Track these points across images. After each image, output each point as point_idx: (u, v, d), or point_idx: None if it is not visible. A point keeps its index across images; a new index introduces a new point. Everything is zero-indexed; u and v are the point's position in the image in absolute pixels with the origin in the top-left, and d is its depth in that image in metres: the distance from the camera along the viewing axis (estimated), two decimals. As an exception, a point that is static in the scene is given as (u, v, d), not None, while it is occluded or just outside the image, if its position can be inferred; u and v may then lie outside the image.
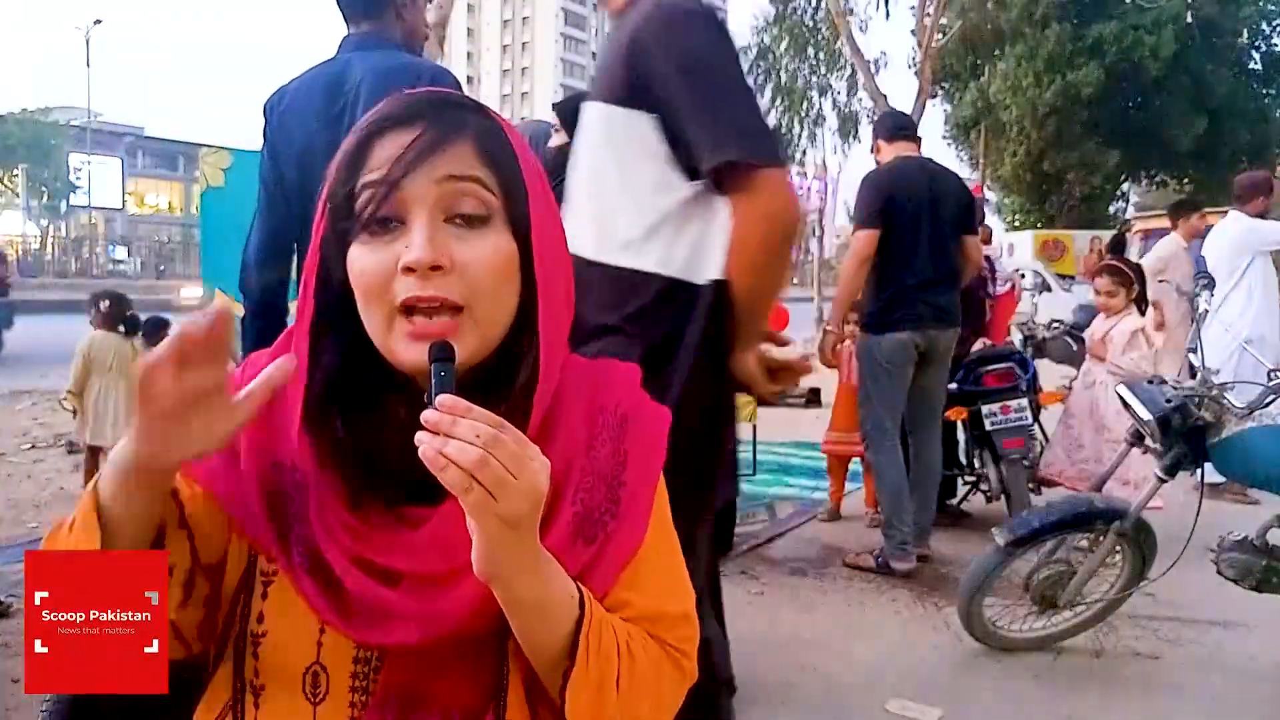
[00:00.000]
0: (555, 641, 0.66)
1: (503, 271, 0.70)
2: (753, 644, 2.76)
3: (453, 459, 0.57)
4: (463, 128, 0.70)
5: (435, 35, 7.11)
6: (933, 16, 13.13)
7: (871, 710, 2.39)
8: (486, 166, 0.70)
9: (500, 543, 0.60)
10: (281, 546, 0.69)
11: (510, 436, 0.59)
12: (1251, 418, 2.37)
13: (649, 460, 0.77)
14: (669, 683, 0.75)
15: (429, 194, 0.68)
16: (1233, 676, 2.61)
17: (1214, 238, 4.78)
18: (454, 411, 0.58)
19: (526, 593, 0.64)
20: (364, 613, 0.67)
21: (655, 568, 0.76)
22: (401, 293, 0.67)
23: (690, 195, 1.34)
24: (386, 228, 0.68)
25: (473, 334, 0.68)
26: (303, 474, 0.71)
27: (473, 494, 0.57)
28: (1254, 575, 2.47)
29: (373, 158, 0.69)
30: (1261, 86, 22.01)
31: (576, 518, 0.72)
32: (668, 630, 0.75)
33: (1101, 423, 3.54)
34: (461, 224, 0.69)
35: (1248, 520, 2.61)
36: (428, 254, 0.66)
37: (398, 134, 0.69)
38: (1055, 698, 2.47)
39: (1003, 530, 2.59)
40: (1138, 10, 19.47)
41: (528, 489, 0.59)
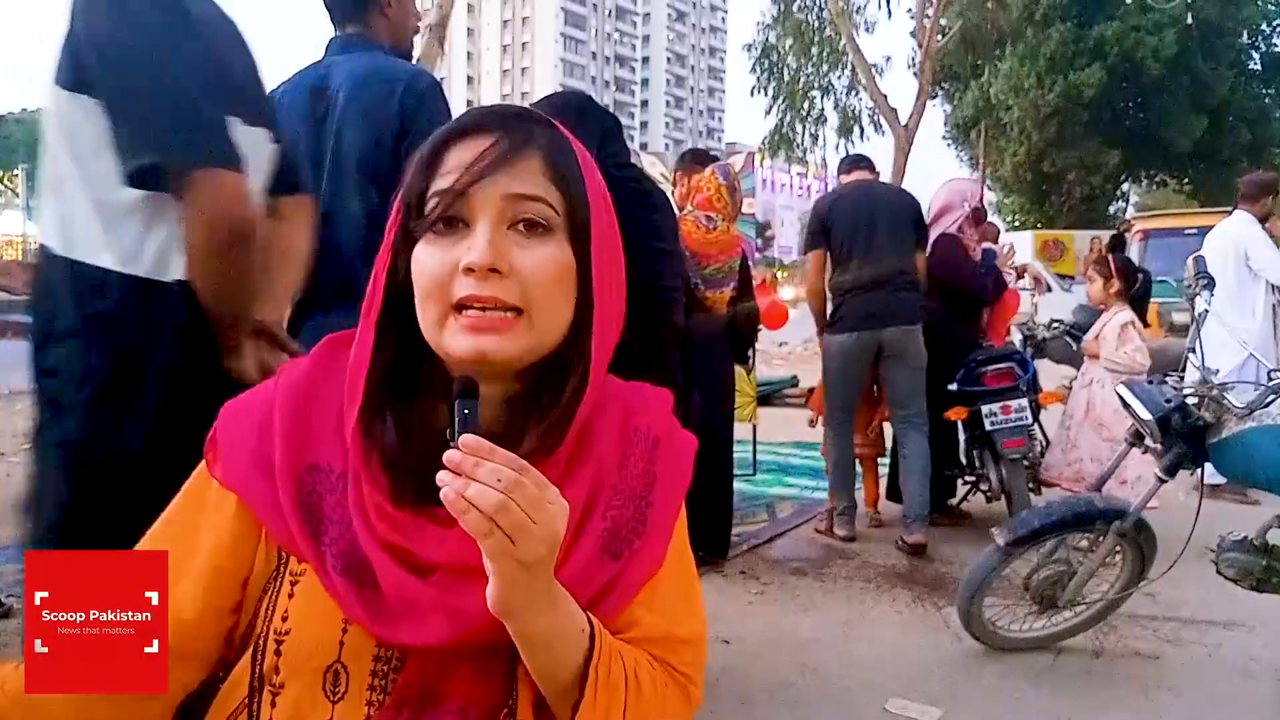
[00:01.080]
0: (565, 673, 0.68)
1: (560, 280, 0.72)
2: (753, 644, 2.77)
3: (474, 503, 0.58)
4: (533, 142, 0.73)
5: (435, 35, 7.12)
6: (932, 18, 13.14)
7: (871, 710, 2.39)
8: (552, 182, 0.72)
9: (515, 584, 0.62)
10: (314, 549, 0.70)
11: (531, 480, 0.60)
12: (1251, 418, 2.37)
13: (675, 483, 0.79)
14: (673, 709, 0.76)
15: (495, 204, 0.70)
16: (1233, 676, 2.62)
17: (1215, 237, 4.77)
18: (477, 453, 0.59)
19: (538, 629, 0.65)
20: (395, 609, 0.68)
21: (670, 589, 0.78)
22: (459, 291, 0.69)
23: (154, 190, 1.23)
24: (452, 229, 0.71)
25: (526, 335, 0.70)
26: (339, 473, 0.72)
27: (492, 539, 0.58)
28: (1254, 575, 2.47)
29: (446, 163, 0.72)
30: (1262, 87, 22.00)
31: (606, 534, 0.73)
32: (674, 653, 0.77)
33: (1098, 421, 3.54)
34: (523, 232, 0.71)
35: (1248, 520, 2.61)
36: (488, 257, 0.68)
37: (471, 142, 0.71)
38: (1055, 698, 2.47)
39: (1003, 530, 2.59)
40: (1139, 11, 19.47)
41: (545, 534, 0.60)
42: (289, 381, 0.77)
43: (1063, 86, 19.26)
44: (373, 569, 0.68)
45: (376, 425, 0.71)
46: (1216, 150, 21.05)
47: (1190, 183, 23.07)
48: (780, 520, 4.17)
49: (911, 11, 15.02)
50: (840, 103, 20.98)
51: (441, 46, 7.25)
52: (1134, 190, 27.57)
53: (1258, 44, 22.10)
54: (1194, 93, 20.01)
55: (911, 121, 12.33)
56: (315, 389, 0.76)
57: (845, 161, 4.30)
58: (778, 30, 20.91)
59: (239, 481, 0.72)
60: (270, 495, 0.71)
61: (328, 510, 0.71)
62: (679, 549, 0.80)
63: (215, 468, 0.74)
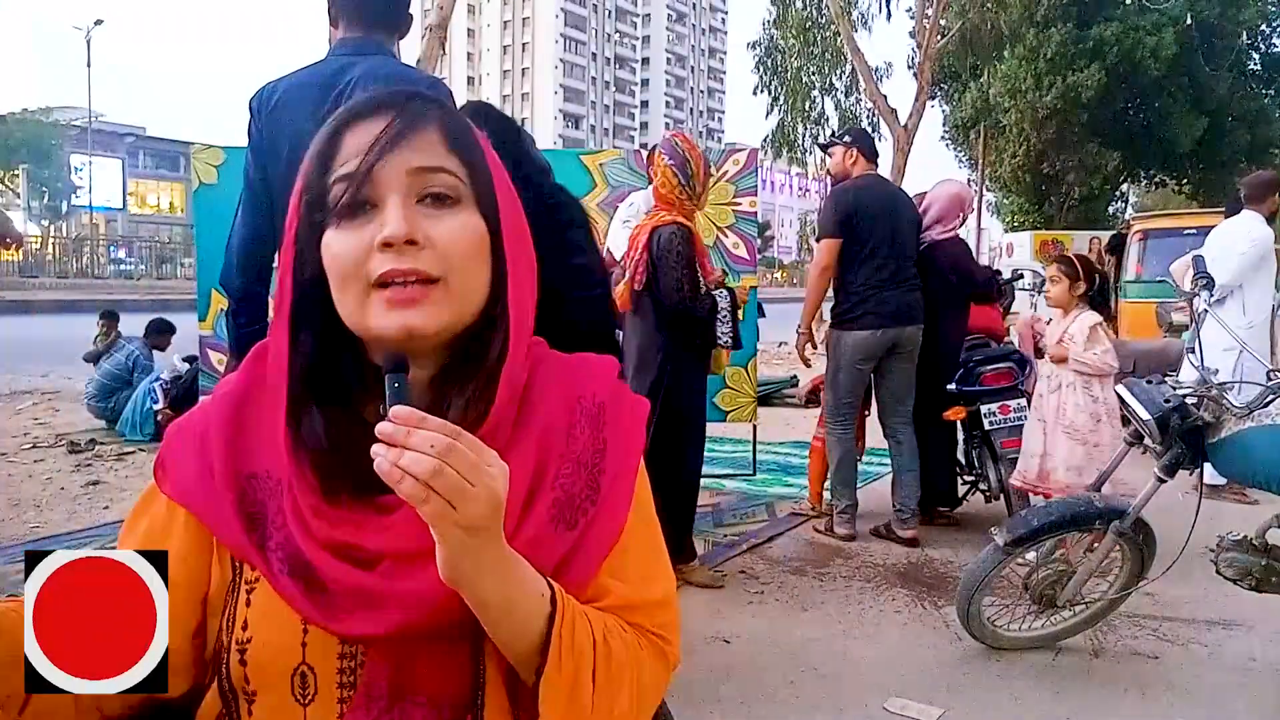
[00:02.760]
0: (528, 641, 0.67)
1: (475, 247, 0.72)
2: (753, 644, 2.77)
3: (407, 470, 0.57)
4: (429, 117, 0.73)
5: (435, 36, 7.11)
6: (932, 18, 13.13)
7: (871, 710, 2.39)
8: (453, 153, 0.73)
9: (462, 550, 0.61)
10: (260, 554, 0.71)
11: (466, 444, 0.59)
12: (1251, 418, 2.37)
13: (628, 448, 0.79)
14: (649, 671, 0.75)
15: (401, 181, 0.70)
16: (1233, 676, 2.62)
17: (1216, 237, 4.76)
18: (408, 423, 0.58)
19: (492, 595, 0.65)
20: (345, 604, 0.68)
21: (637, 555, 0.78)
22: (377, 269, 0.69)
23: None
24: (361, 212, 0.70)
25: (446, 306, 0.70)
26: (277, 479, 0.72)
27: (430, 504, 0.58)
28: (1254, 575, 2.48)
29: (344, 150, 0.71)
30: (1261, 87, 21.96)
31: (557, 503, 0.73)
32: (647, 617, 0.76)
33: (1071, 426, 3.42)
34: (432, 205, 0.71)
35: (1248, 520, 2.61)
36: (403, 228, 0.68)
37: (367, 125, 0.71)
38: (1055, 697, 2.47)
39: (1002, 530, 2.59)
40: (1138, 12, 19.44)
41: (486, 496, 0.60)
42: (224, 392, 0.77)
43: (1061, 87, 19.23)
44: (316, 571, 0.68)
45: (304, 425, 0.71)
46: (1216, 151, 21.02)
47: (1190, 183, 23.03)
48: (780, 520, 4.17)
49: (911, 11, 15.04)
50: (840, 103, 20.99)
51: (442, 47, 7.25)
52: (1133, 191, 27.56)
53: (1258, 45, 22.06)
54: (1193, 93, 19.98)
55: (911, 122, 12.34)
56: (250, 397, 0.76)
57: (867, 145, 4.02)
58: (781, 29, 20.92)
59: (186, 494, 0.73)
60: (216, 504, 0.72)
61: (271, 515, 0.71)
62: (642, 513, 0.79)
63: (165, 485, 0.75)
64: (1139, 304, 8.20)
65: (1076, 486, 3.28)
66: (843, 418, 3.83)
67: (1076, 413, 3.42)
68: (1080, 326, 3.47)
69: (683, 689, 2.36)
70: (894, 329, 3.71)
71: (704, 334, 3.19)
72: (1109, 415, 3.40)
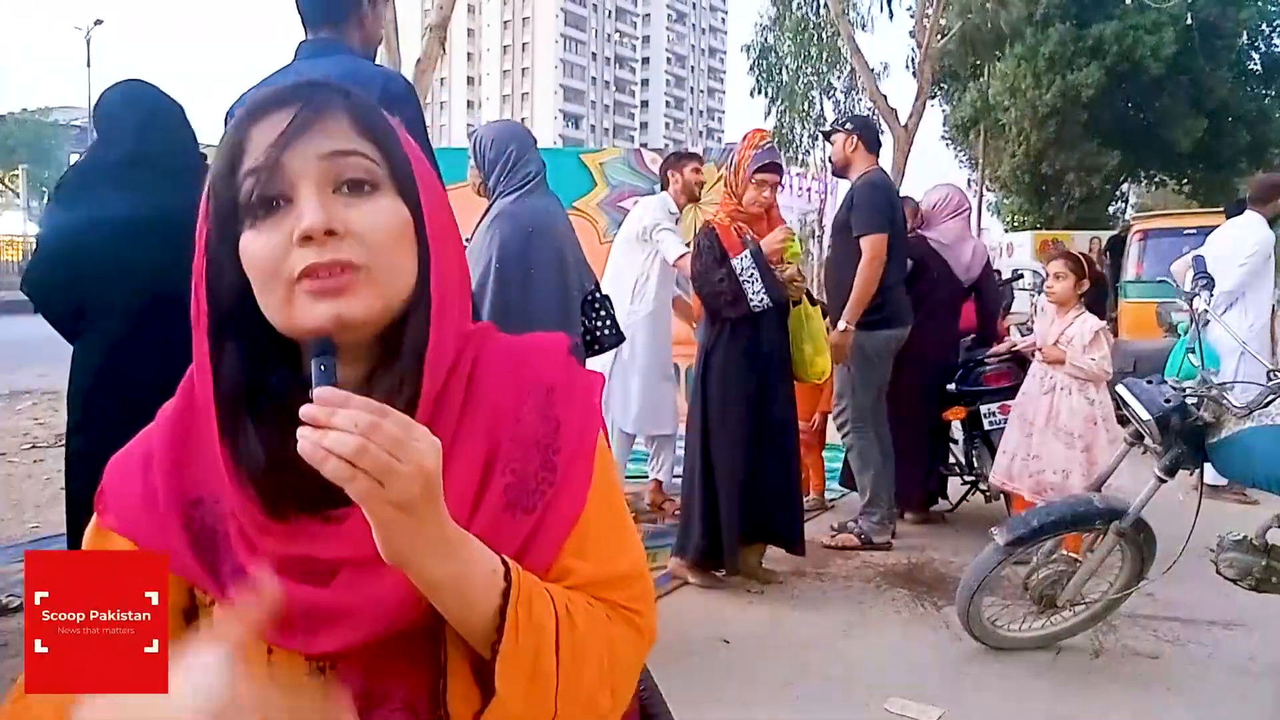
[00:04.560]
0: (482, 618, 0.66)
1: (398, 233, 0.69)
2: (753, 644, 2.77)
3: (331, 449, 0.56)
4: (336, 103, 0.70)
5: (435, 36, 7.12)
6: (932, 18, 13.13)
7: (871, 710, 2.39)
8: (366, 139, 0.70)
9: (397, 528, 0.60)
10: (213, 580, 0.69)
11: (391, 422, 0.58)
12: (1251, 418, 2.37)
13: (583, 426, 0.77)
14: (621, 643, 0.74)
15: (313, 169, 0.67)
16: (1233, 676, 2.62)
17: (1218, 238, 4.75)
18: (332, 403, 0.58)
19: (438, 574, 0.63)
20: (305, 622, 0.66)
21: (600, 532, 0.76)
22: (298, 264, 0.66)
23: None
24: (274, 208, 0.67)
25: (371, 293, 0.67)
26: (224, 503, 0.70)
27: (356, 483, 0.57)
28: (1254, 575, 2.48)
29: (251, 147, 0.68)
30: (1261, 87, 21.95)
31: (510, 488, 0.72)
32: (616, 591, 0.75)
33: (1065, 429, 3.36)
34: (350, 192, 0.68)
35: (1248, 520, 2.61)
36: (321, 219, 0.65)
37: (273, 119, 0.68)
38: (1055, 697, 2.47)
39: (1002, 530, 2.59)
40: (1138, 11, 19.44)
41: (414, 471, 0.58)
42: (164, 418, 0.75)
43: (1061, 86, 19.23)
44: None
45: (240, 444, 0.69)
46: (1216, 151, 21.01)
47: (1189, 183, 23.02)
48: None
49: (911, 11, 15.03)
50: (840, 104, 21.00)
51: (442, 47, 7.25)
52: (1133, 191, 27.54)
53: (1257, 44, 22.06)
54: (1193, 93, 19.98)
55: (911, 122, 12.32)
56: (191, 421, 0.74)
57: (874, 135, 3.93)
58: (776, 31, 20.92)
59: (130, 525, 0.71)
60: (162, 532, 0.70)
61: (219, 540, 0.70)
62: (603, 487, 0.77)
63: (106, 518, 0.73)
64: (1139, 304, 8.20)
65: (1060, 489, 3.26)
66: (869, 420, 3.72)
67: (1071, 416, 3.35)
68: (1081, 330, 3.39)
69: (683, 689, 2.36)
70: (908, 327, 3.73)
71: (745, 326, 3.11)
72: (1104, 419, 3.35)
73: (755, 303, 3.05)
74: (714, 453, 3.16)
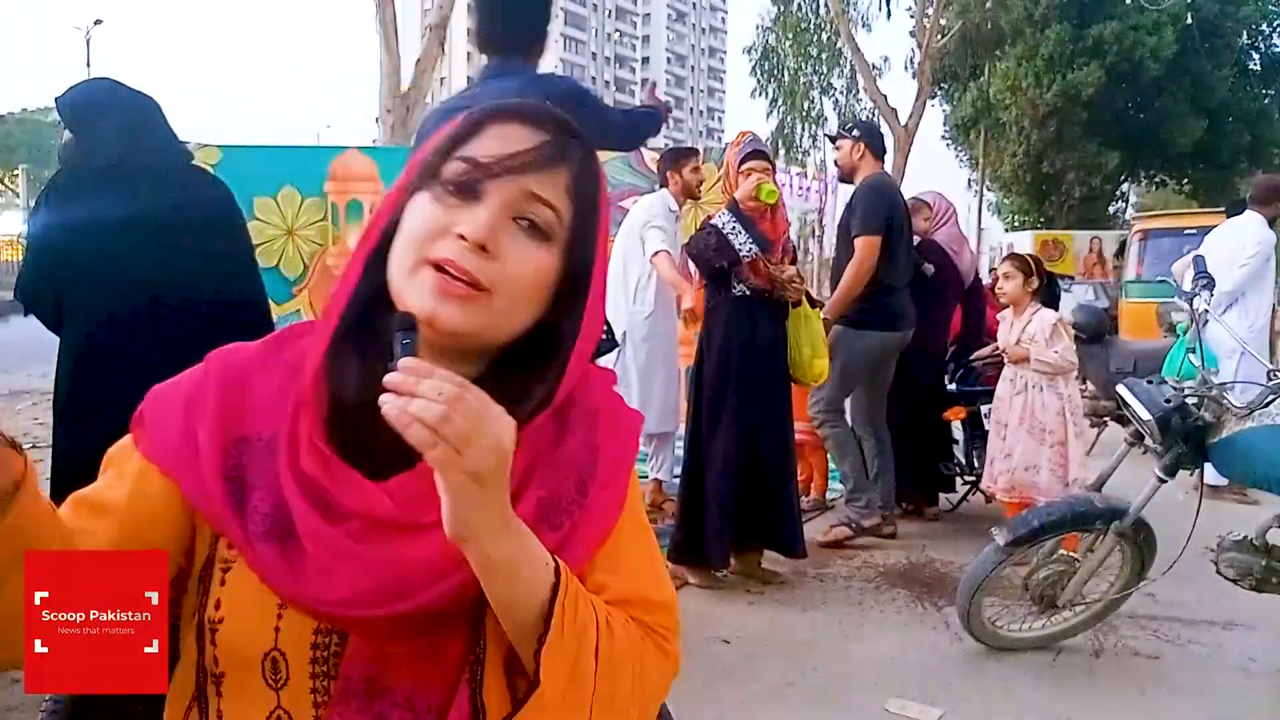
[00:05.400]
0: (530, 608, 0.66)
1: (537, 283, 0.73)
2: (753, 644, 2.77)
3: (416, 415, 0.58)
4: (569, 156, 0.74)
5: (435, 35, 7.12)
6: (932, 17, 13.14)
7: (871, 710, 2.39)
8: (571, 198, 0.74)
9: (468, 498, 0.61)
10: (236, 517, 0.70)
11: (473, 395, 0.61)
12: (1251, 418, 2.37)
13: (620, 456, 0.79)
14: (652, 665, 0.75)
15: (511, 192, 0.71)
16: (1233, 676, 2.62)
17: (1218, 237, 4.75)
18: (416, 373, 0.60)
19: (498, 552, 0.64)
20: (312, 563, 0.67)
21: (632, 555, 0.78)
22: (440, 251, 0.69)
23: None
24: (461, 196, 0.71)
25: (481, 316, 0.70)
26: (269, 440, 0.72)
27: (437, 449, 0.59)
28: (1254, 575, 2.48)
29: (483, 138, 0.73)
30: (1261, 87, 21.96)
31: (542, 503, 0.73)
32: (648, 614, 0.76)
33: (1039, 427, 3.37)
34: (525, 227, 0.72)
35: (1248, 520, 2.61)
36: (484, 232, 0.69)
37: (512, 129, 0.73)
38: (1055, 697, 2.47)
39: (1002, 530, 2.59)
40: (1138, 11, 19.45)
41: (492, 444, 0.61)
42: (231, 357, 0.77)
43: (1060, 86, 19.24)
44: (293, 519, 0.68)
45: (337, 361, 0.72)
46: (1216, 151, 21.02)
47: (1190, 183, 23.03)
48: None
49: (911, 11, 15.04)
50: (840, 104, 21.01)
51: (441, 47, 7.26)
52: (1133, 190, 27.55)
53: (1258, 44, 22.07)
54: (1194, 93, 19.99)
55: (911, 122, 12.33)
56: (262, 362, 0.76)
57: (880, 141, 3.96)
58: (776, 31, 20.94)
59: (164, 453, 0.72)
60: (195, 469, 0.71)
61: (251, 478, 0.71)
62: (635, 516, 0.80)
63: (143, 444, 0.74)
64: (1139, 304, 8.20)
65: (1030, 486, 3.33)
66: (838, 412, 3.82)
67: (1044, 412, 3.38)
68: (1040, 324, 3.44)
69: (683, 689, 2.36)
70: (907, 330, 3.74)
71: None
72: (1072, 414, 3.39)
73: (744, 252, 3.07)
74: (706, 451, 3.18)
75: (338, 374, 0.72)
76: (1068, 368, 3.40)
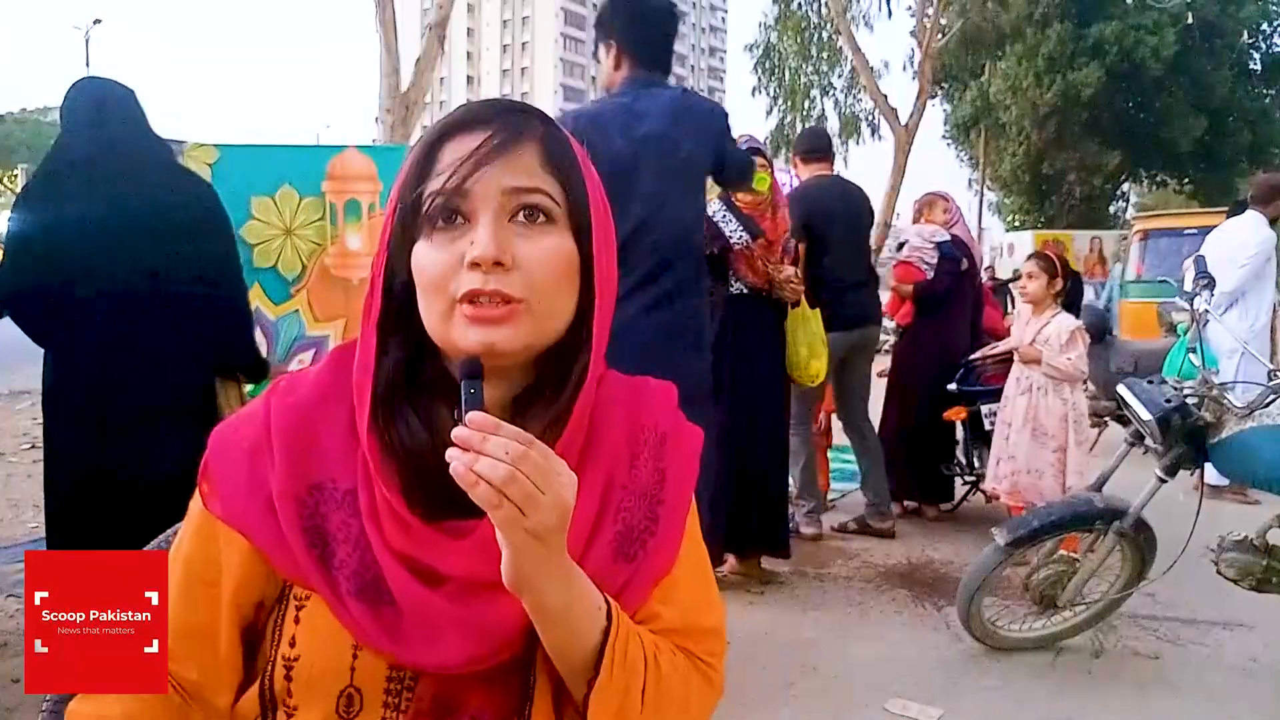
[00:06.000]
0: (582, 651, 0.68)
1: (563, 271, 0.71)
2: (753, 644, 2.77)
3: (483, 476, 0.58)
4: (528, 131, 0.72)
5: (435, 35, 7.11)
6: (932, 17, 13.12)
7: (871, 710, 2.39)
8: (550, 173, 0.72)
9: (528, 555, 0.62)
10: (324, 573, 0.69)
11: (538, 452, 0.60)
12: (1251, 418, 2.37)
13: (684, 478, 0.79)
14: (696, 695, 0.76)
15: (495, 197, 0.69)
16: (1233, 676, 2.62)
17: (1218, 237, 4.74)
18: (484, 428, 0.59)
19: (553, 601, 0.65)
20: (411, 628, 0.67)
21: (687, 583, 0.78)
22: (463, 286, 0.68)
23: None
24: (452, 224, 0.70)
25: (528, 327, 0.69)
26: (347, 490, 0.70)
27: (502, 510, 0.59)
28: (1254, 575, 2.48)
29: (441, 161, 0.70)
30: (1262, 87, 21.94)
31: (618, 536, 0.73)
32: (696, 643, 0.77)
33: (1042, 430, 3.36)
34: (526, 220, 0.70)
35: (1248, 520, 2.61)
36: (492, 250, 0.67)
37: (466, 137, 0.70)
38: (1055, 697, 2.47)
39: (1002, 530, 2.59)
40: (1138, 10, 19.44)
41: (554, 503, 0.61)
42: (291, 399, 0.75)
43: (1061, 86, 19.23)
44: (387, 583, 0.67)
45: (391, 430, 0.70)
46: (1217, 150, 21.01)
47: (1190, 183, 23.00)
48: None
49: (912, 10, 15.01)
50: (840, 103, 21.00)
51: (441, 46, 7.24)
52: (1134, 190, 27.53)
53: (1258, 44, 22.05)
54: (1194, 93, 19.97)
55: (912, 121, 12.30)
56: (324, 402, 0.74)
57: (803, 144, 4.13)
58: (778, 30, 20.93)
59: (239, 515, 0.71)
60: (271, 525, 0.69)
61: (333, 529, 0.69)
62: (692, 541, 0.79)
63: (213, 503, 0.72)
64: (1139, 304, 8.20)
65: (1033, 490, 3.31)
66: (802, 419, 3.79)
67: (1047, 415, 3.36)
68: (1058, 328, 3.41)
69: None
70: (858, 330, 3.76)
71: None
72: (1075, 421, 3.37)
73: (735, 238, 3.10)
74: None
75: (396, 440, 0.70)
76: (1077, 376, 3.37)
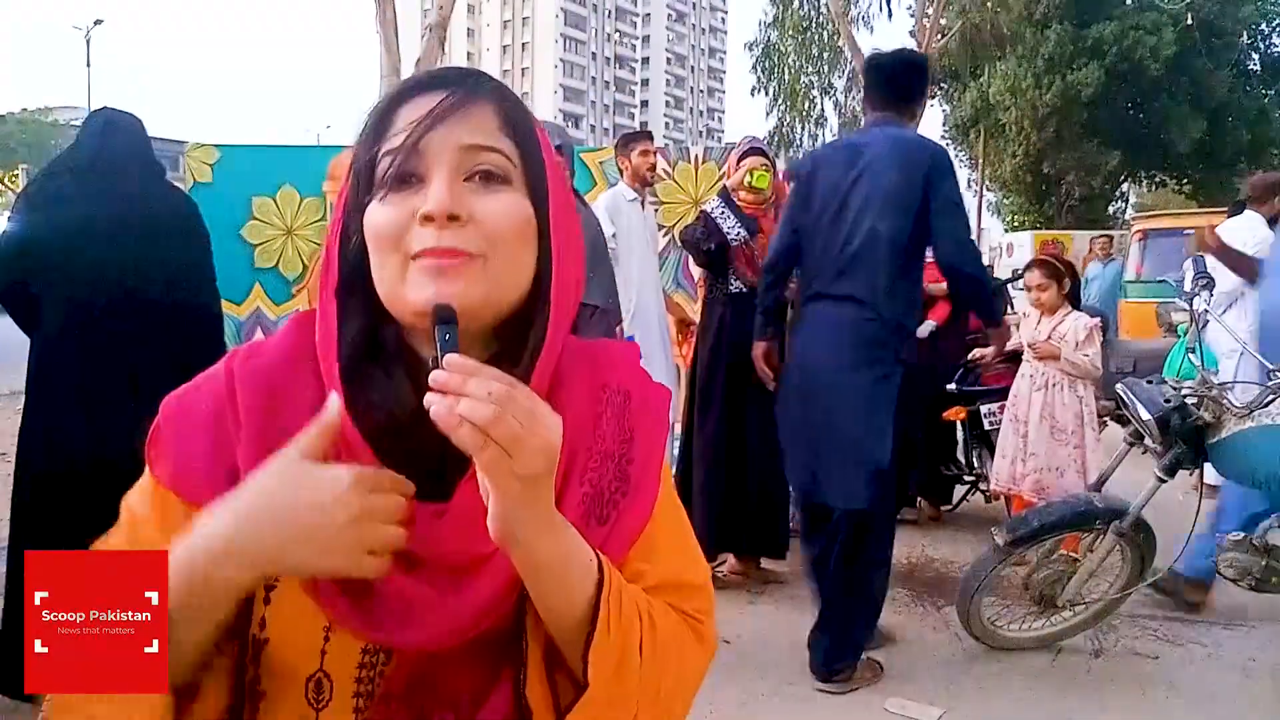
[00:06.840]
0: (575, 608, 0.65)
1: (519, 231, 0.69)
2: (753, 644, 2.77)
3: (466, 417, 0.56)
4: (483, 92, 0.70)
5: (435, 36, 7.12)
6: (932, 17, 13.13)
7: (871, 710, 2.39)
8: (505, 134, 0.70)
9: (517, 502, 0.59)
10: None
11: (521, 394, 0.58)
12: (1251, 418, 2.37)
13: (654, 436, 0.77)
14: (690, 651, 0.74)
15: (449, 156, 0.68)
16: (1233, 676, 2.62)
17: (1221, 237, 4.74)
18: (463, 371, 0.57)
19: (544, 554, 0.63)
20: (387, 609, 0.65)
21: (667, 539, 0.76)
22: (416, 243, 0.66)
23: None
24: (406, 184, 0.68)
25: (484, 283, 0.67)
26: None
27: (488, 451, 0.56)
28: (1254, 575, 2.48)
29: (395, 124, 0.69)
30: (1261, 87, 21.96)
31: (586, 498, 0.71)
32: (685, 600, 0.75)
33: (1056, 426, 3.36)
34: (480, 182, 0.69)
35: (1248, 520, 2.61)
36: (446, 203, 0.65)
37: (422, 99, 0.69)
38: (1055, 697, 2.47)
39: (1002, 530, 2.59)
40: (1138, 11, 19.46)
41: (542, 445, 0.58)
42: (256, 363, 0.72)
43: (1060, 86, 19.24)
44: None
45: (357, 405, 0.67)
46: (1216, 151, 21.02)
47: (1190, 183, 23.03)
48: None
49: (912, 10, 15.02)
50: (840, 104, 21.01)
51: (441, 47, 7.25)
52: (1133, 190, 27.55)
53: (1258, 44, 22.07)
54: (1194, 93, 19.99)
55: (911, 122, 12.35)
56: (289, 364, 0.72)
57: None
58: (778, 29, 20.94)
59: (196, 486, 0.67)
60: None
61: None
62: (668, 499, 0.77)
63: (164, 475, 0.69)
64: (1139, 304, 8.20)
65: (1056, 487, 3.25)
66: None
67: (1063, 412, 3.35)
68: (1074, 326, 3.40)
69: (683, 689, 2.36)
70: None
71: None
72: (1089, 419, 3.36)
73: (732, 235, 3.15)
74: (694, 450, 3.22)
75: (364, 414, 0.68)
76: (1095, 373, 3.35)
